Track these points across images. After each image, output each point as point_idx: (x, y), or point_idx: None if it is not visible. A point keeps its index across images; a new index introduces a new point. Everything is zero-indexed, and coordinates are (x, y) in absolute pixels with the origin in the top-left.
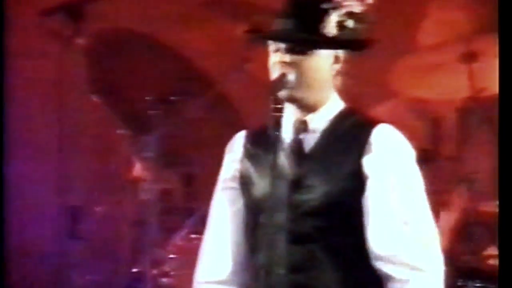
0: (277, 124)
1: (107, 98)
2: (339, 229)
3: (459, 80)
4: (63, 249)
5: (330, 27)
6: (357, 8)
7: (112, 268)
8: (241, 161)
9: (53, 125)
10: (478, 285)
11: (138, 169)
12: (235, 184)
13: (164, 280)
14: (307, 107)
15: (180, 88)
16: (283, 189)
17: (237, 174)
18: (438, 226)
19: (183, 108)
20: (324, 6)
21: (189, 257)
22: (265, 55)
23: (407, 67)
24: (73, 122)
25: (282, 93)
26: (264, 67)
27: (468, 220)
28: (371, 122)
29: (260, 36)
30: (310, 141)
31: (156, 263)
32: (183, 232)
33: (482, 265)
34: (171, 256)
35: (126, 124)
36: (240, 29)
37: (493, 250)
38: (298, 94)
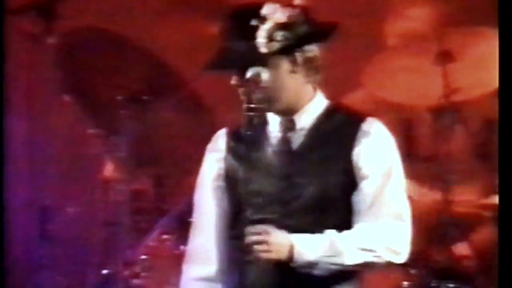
0: (251, 124)
1: (78, 98)
2: (331, 224)
3: (433, 80)
4: (33, 249)
5: (261, 42)
6: (284, 18)
7: (83, 269)
8: (225, 159)
9: (23, 125)
10: (451, 285)
11: (109, 169)
12: (221, 182)
13: (136, 281)
14: (290, 111)
15: (152, 88)
16: (273, 186)
17: (222, 172)
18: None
19: (155, 108)
20: (253, 23)
21: (160, 258)
22: None
23: (380, 66)
24: (43, 122)
25: (265, 108)
26: None
27: (442, 220)
28: (358, 117)
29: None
30: (297, 139)
31: (128, 264)
32: (154, 233)
33: (455, 266)
34: (143, 257)
35: (97, 123)
36: (213, 28)
37: (466, 251)
38: (277, 107)
